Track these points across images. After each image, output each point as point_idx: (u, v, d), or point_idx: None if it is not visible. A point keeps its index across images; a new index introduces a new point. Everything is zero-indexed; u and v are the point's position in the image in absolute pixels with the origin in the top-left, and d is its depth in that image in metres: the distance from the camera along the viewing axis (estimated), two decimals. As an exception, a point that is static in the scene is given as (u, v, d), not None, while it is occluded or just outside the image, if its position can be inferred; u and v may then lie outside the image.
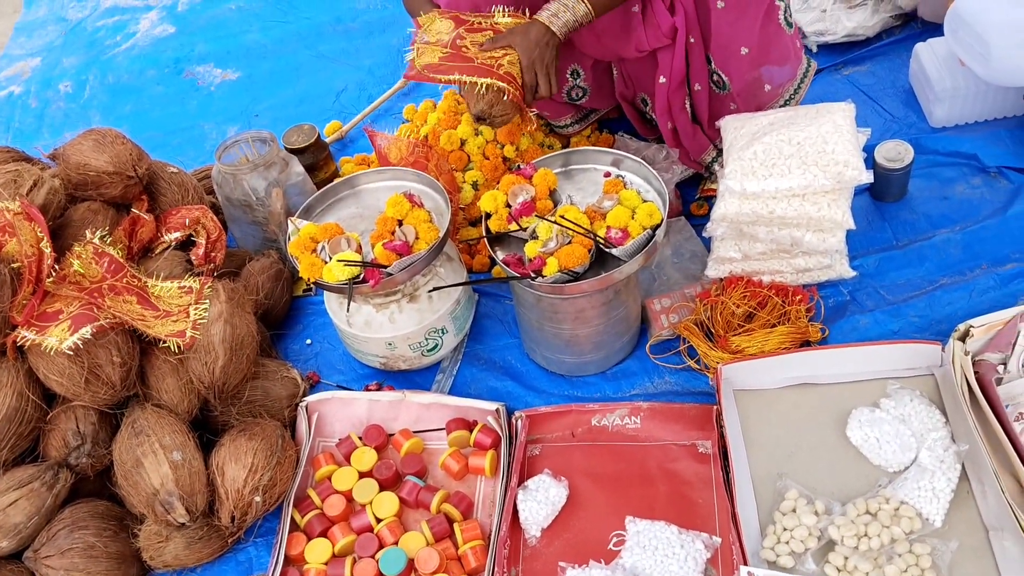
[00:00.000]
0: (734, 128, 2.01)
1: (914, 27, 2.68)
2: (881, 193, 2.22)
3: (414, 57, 2.01)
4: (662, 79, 2.13)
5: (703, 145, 2.26)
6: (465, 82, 1.92)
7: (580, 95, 2.38)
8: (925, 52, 2.43)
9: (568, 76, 2.33)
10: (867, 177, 1.84)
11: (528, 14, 2.05)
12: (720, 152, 2.25)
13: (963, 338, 1.75)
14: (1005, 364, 1.73)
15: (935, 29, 2.49)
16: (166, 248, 2.10)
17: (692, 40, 2.05)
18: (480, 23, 2.05)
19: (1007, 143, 2.29)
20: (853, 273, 2.04)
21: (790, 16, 2.11)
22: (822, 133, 1.88)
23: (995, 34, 2.10)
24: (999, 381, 1.70)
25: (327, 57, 3.12)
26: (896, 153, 2.16)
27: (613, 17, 2.04)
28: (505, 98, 1.93)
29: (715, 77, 2.11)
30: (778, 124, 1.95)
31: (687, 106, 2.19)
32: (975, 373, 1.70)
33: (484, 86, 1.91)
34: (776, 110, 2.02)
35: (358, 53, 3.11)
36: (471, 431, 1.89)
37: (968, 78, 2.29)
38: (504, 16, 2.05)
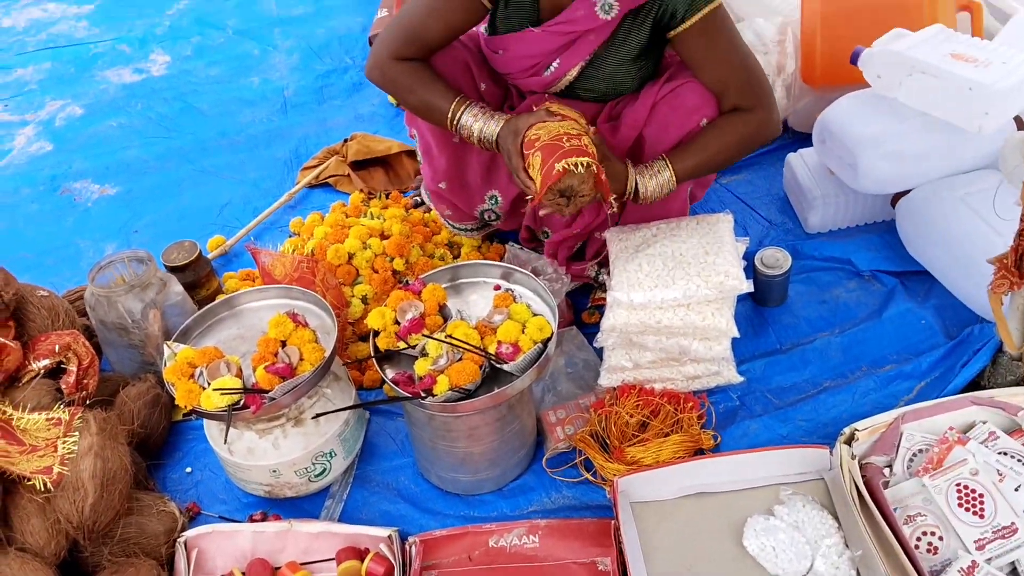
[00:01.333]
0: (619, 240, 2.05)
1: (785, 137, 2.81)
2: (763, 298, 2.28)
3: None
4: (576, 230, 2.23)
5: (581, 268, 2.33)
6: (570, 165, 1.81)
7: (493, 217, 2.39)
8: (796, 161, 2.54)
9: (486, 199, 2.35)
10: (747, 287, 1.89)
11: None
12: (600, 265, 2.31)
13: (849, 441, 1.78)
14: (891, 466, 1.77)
15: (805, 139, 2.61)
16: (34, 377, 1.98)
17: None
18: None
19: (878, 247, 2.39)
20: (741, 379, 2.07)
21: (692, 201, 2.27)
22: (703, 244, 1.93)
23: (860, 146, 2.21)
24: (886, 484, 1.73)
25: (210, 171, 3.07)
26: (775, 260, 2.22)
27: None
28: (596, 179, 1.86)
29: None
30: (661, 236, 1.99)
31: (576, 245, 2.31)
32: (863, 477, 1.73)
33: (583, 164, 1.81)
34: (659, 222, 2.07)
35: (243, 167, 3.07)
36: (363, 560, 1.80)
37: (838, 186, 2.40)
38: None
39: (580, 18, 1.98)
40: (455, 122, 2.02)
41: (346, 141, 2.99)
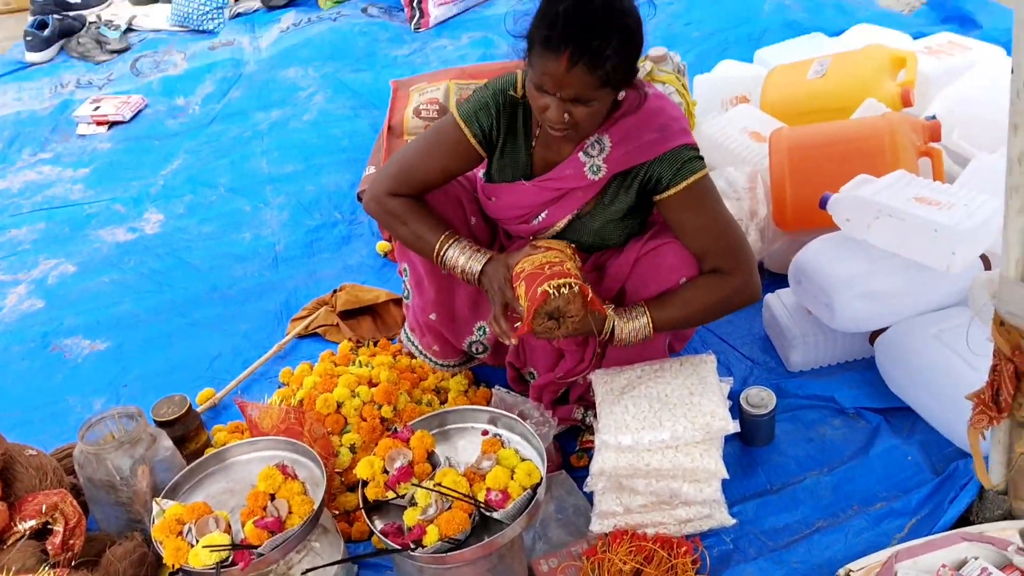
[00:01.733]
0: (604, 382, 2.08)
1: (763, 279, 2.87)
2: (750, 438, 2.29)
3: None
4: (559, 374, 2.26)
5: (568, 410, 2.35)
6: (551, 287, 1.87)
7: (480, 350, 2.44)
8: (775, 302, 2.60)
9: (474, 330, 2.39)
10: (734, 427, 1.91)
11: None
12: (585, 409, 2.33)
13: (844, 583, 1.76)
14: (883, 607, 1.75)
15: (782, 280, 2.67)
16: (19, 538, 1.96)
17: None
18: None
19: (860, 384, 2.42)
20: (733, 521, 2.06)
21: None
22: (687, 385, 1.97)
23: (835, 286, 2.28)
24: (884, 626, 1.71)
25: (201, 324, 3.10)
26: (760, 399, 2.25)
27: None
28: (583, 298, 1.91)
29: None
30: (645, 377, 2.03)
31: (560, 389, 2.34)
32: (860, 619, 1.70)
33: (566, 286, 1.88)
34: (642, 364, 2.11)
35: (233, 319, 3.11)
36: None
37: (817, 325, 2.45)
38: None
39: (569, 176, 2.07)
40: (441, 255, 2.10)
41: (335, 292, 3.05)
